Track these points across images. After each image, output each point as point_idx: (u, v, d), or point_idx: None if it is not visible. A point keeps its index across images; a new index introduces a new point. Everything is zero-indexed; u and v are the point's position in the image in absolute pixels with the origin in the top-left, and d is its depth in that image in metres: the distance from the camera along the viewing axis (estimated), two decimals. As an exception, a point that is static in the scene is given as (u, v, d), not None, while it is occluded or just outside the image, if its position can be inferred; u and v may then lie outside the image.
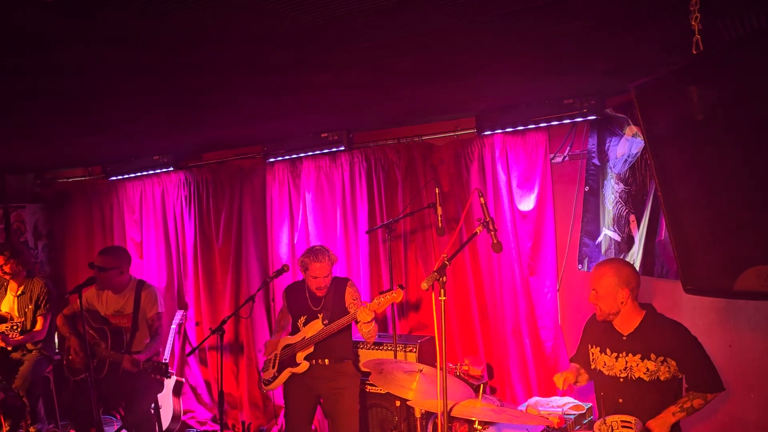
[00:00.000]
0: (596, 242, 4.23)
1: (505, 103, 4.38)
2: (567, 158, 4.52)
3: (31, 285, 5.38)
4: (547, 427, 3.38)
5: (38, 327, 5.27)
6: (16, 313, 5.33)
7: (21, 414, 5.23)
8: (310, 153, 5.31)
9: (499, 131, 4.56)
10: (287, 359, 4.19)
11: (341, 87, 3.51)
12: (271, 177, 5.63)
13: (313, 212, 5.41)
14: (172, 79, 3.04)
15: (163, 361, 4.32)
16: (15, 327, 5.11)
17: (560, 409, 3.94)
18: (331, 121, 4.82)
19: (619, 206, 3.98)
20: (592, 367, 3.31)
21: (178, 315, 6.07)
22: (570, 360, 3.59)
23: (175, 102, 3.63)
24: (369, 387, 4.56)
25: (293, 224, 5.55)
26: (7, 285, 5.44)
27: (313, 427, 4.68)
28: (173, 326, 5.96)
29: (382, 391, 4.50)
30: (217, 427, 5.93)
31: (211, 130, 4.81)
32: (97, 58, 2.59)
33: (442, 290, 2.59)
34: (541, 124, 4.35)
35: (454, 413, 3.06)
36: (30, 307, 5.31)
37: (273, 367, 4.27)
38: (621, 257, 3.90)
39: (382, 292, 3.92)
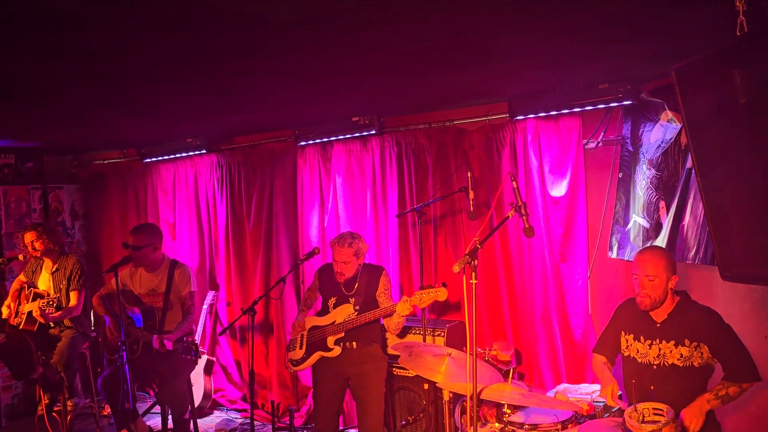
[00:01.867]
0: (626, 229, 4.18)
1: (539, 88, 4.33)
2: (601, 144, 4.47)
3: (65, 262, 5.51)
4: (576, 413, 3.37)
5: (72, 302, 5.39)
6: (52, 291, 5.47)
7: (59, 388, 5.38)
8: (341, 137, 5.33)
9: (532, 116, 4.52)
10: (316, 342, 4.23)
11: (372, 72, 3.50)
12: (302, 160, 5.67)
13: (344, 196, 5.44)
14: (207, 62, 3.06)
15: (194, 341, 4.40)
16: (51, 302, 5.25)
17: (589, 396, 3.92)
18: (362, 106, 4.83)
19: (650, 192, 3.92)
20: (626, 354, 3.29)
21: (210, 295, 6.17)
22: (593, 351, 3.56)
23: (209, 86, 3.66)
24: (396, 370, 4.60)
25: (323, 208, 5.59)
26: (43, 264, 5.58)
27: (340, 409, 4.74)
28: (205, 306, 6.07)
29: (410, 375, 4.53)
30: (247, 406, 6.06)
31: (243, 114, 4.85)
32: (135, 41, 2.62)
33: (474, 273, 2.59)
34: (575, 109, 4.31)
35: (483, 396, 3.07)
36: (64, 283, 5.44)
37: (300, 348, 4.31)
38: (649, 244, 3.85)
39: (423, 287, 3.88)
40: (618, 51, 3.26)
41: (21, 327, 5.32)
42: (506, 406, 3.13)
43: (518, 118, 4.54)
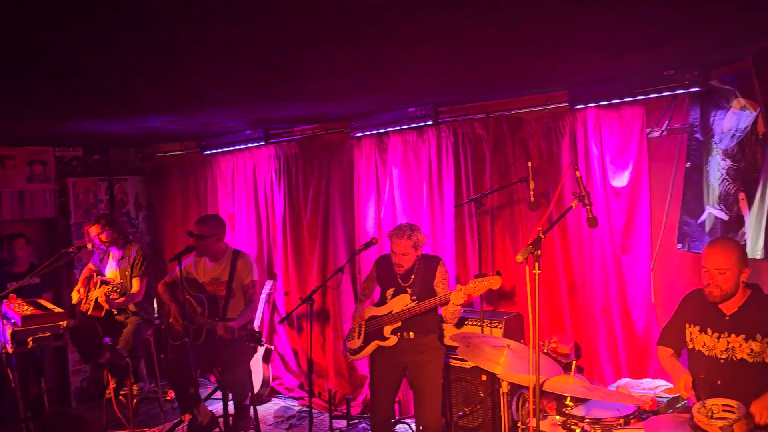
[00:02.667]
0: (699, 221, 4.03)
1: (600, 76, 4.22)
2: (665, 133, 4.33)
3: (129, 250, 5.73)
4: (639, 408, 3.30)
5: (135, 288, 5.60)
6: (118, 278, 5.68)
7: (125, 373, 5.58)
8: (397, 128, 5.33)
9: (593, 105, 4.42)
10: (374, 331, 4.27)
11: (431, 61, 3.48)
12: (358, 151, 5.70)
13: (400, 187, 5.45)
14: (267, 54, 3.10)
15: (257, 330, 4.50)
16: (115, 288, 5.45)
17: (652, 392, 3.83)
18: (418, 96, 4.81)
19: (727, 183, 3.76)
20: (690, 347, 3.20)
21: (268, 285, 6.29)
22: (657, 344, 3.47)
23: (267, 78, 3.70)
24: (453, 361, 4.58)
25: (380, 199, 5.61)
26: (110, 254, 5.80)
27: (396, 399, 4.77)
28: (263, 296, 6.19)
29: (467, 366, 4.52)
30: (303, 394, 6.16)
31: (300, 105, 4.91)
32: (195, 34, 2.67)
33: (536, 264, 2.56)
34: (638, 98, 4.18)
35: (545, 388, 3.04)
36: (128, 270, 5.65)
37: (358, 337, 4.35)
38: (729, 237, 3.70)
39: (477, 276, 3.88)
40: (682, 36, 3.14)
41: (89, 313, 5.56)
42: (568, 398, 3.09)
43: (579, 106, 4.44)
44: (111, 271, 5.78)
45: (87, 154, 7.06)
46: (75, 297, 5.76)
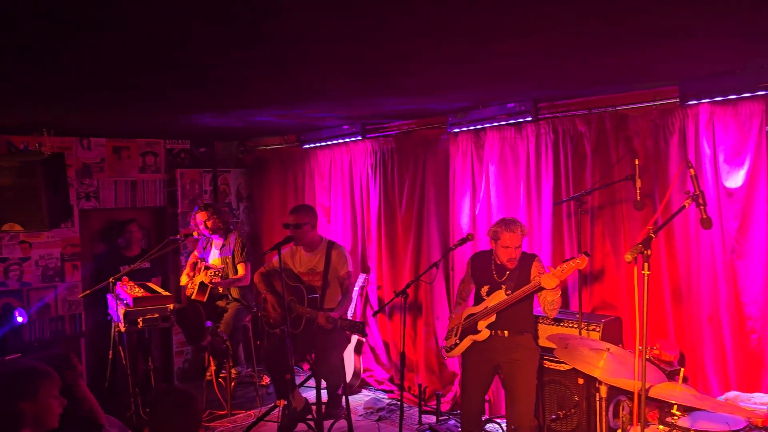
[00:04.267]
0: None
1: (714, 70, 3.99)
2: (787, 130, 4.04)
3: (230, 238, 6.02)
4: (750, 423, 3.11)
5: (241, 273, 5.85)
6: (220, 265, 5.95)
7: (225, 356, 5.85)
8: (495, 124, 5.26)
9: (706, 101, 4.18)
10: (469, 327, 4.25)
11: (533, 54, 3.40)
12: (454, 147, 5.67)
13: (496, 184, 5.37)
14: (372, 47, 3.14)
15: (359, 321, 4.59)
16: (217, 273, 5.72)
17: (765, 407, 3.59)
18: (518, 91, 4.73)
19: None
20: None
21: (361, 278, 6.38)
22: None
23: (369, 70, 3.74)
24: (547, 363, 4.48)
25: (475, 195, 5.56)
26: (212, 242, 6.08)
27: (486, 398, 4.72)
28: (356, 288, 6.28)
29: (562, 368, 4.41)
30: (393, 387, 6.21)
31: (399, 100, 4.94)
32: (303, 27, 2.73)
33: (646, 264, 2.46)
34: (758, 92, 3.92)
35: (651, 395, 2.92)
36: (230, 257, 5.91)
37: (455, 336, 4.34)
38: None
39: (565, 260, 3.85)
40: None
41: (192, 297, 5.85)
42: (675, 407, 2.95)
43: (690, 103, 4.22)
44: (214, 258, 6.05)
45: (194, 147, 7.42)
46: (184, 280, 6.11)
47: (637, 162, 4.00)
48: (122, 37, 2.77)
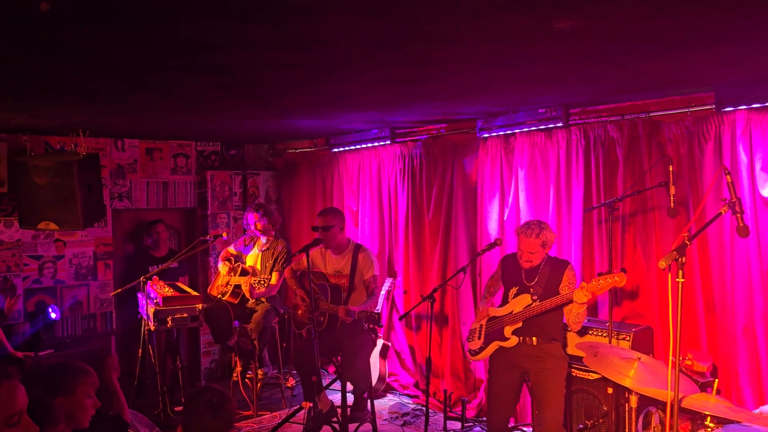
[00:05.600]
0: None
1: (752, 76, 3.92)
2: (828, 138, 3.95)
3: (275, 243, 5.98)
4: (786, 437, 3.02)
5: (273, 282, 5.86)
6: (259, 267, 5.96)
7: (252, 357, 5.89)
8: (525, 129, 5.23)
9: (743, 107, 4.11)
10: (494, 332, 4.20)
11: (566, 58, 3.37)
12: (483, 152, 5.64)
13: (525, 189, 5.33)
14: (404, 52, 3.14)
15: (376, 311, 4.58)
16: (262, 281, 5.70)
17: (801, 422, 3.50)
18: (548, 96, 4.69)
19: None
20: None
21: (388, 282, 6.38)
22: None
23: (400, 74, 3.75)
24: (575, 371, 4.42)
25: (503, 200, 5.53)
26: (257, 241, 6.11)
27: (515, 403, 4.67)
28: (383, 292, 6.28)
29: (590, 377, 4.35)
30: (418, 392, 6.19)
31: (429, 104, 4.93)
32: (336, 30, 2.74)
33: (680, 271, 2.41)
34: (798, 99, 3.84)
35: (684, 405, 2.86)
36: (270, 262, 5.92)
37: (479, 338, 4.30)
38: None
39: (601, 274, 3.75)
40: None
41: (225, 298, 5.88)
42: (709, 419, 2.88)
43: (727, 109, 4.14)
44: (252, 255, 6.06)
45: (224, 149, 7.50)
46: (224, 270, 6.06)
47: (671, 168, 3.93)
48: (155, 37, 2.82)
